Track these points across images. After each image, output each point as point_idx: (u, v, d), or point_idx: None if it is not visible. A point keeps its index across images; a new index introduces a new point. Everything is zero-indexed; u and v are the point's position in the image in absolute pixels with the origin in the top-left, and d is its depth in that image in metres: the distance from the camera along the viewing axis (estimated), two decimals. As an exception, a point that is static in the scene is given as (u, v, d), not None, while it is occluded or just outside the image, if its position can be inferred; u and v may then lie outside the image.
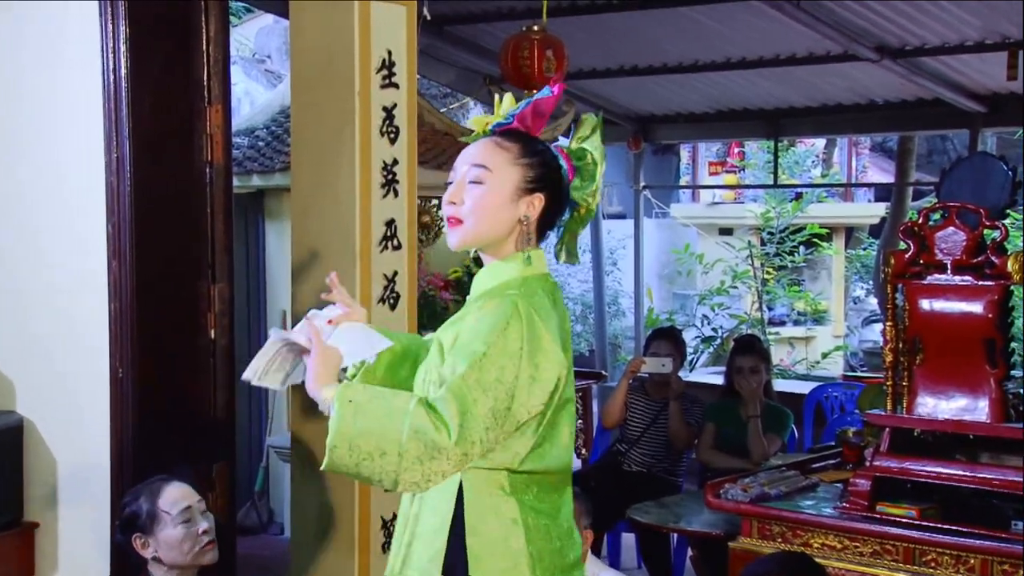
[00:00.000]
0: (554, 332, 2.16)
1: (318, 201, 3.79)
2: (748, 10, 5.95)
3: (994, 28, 6.07)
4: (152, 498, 2.83)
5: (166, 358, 3.24)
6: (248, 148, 6.39)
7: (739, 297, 11.59)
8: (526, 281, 2.23)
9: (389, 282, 3.80)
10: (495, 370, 2.08)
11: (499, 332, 2.10)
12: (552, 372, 2.14)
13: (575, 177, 2.31)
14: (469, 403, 2.05)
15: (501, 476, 2.17)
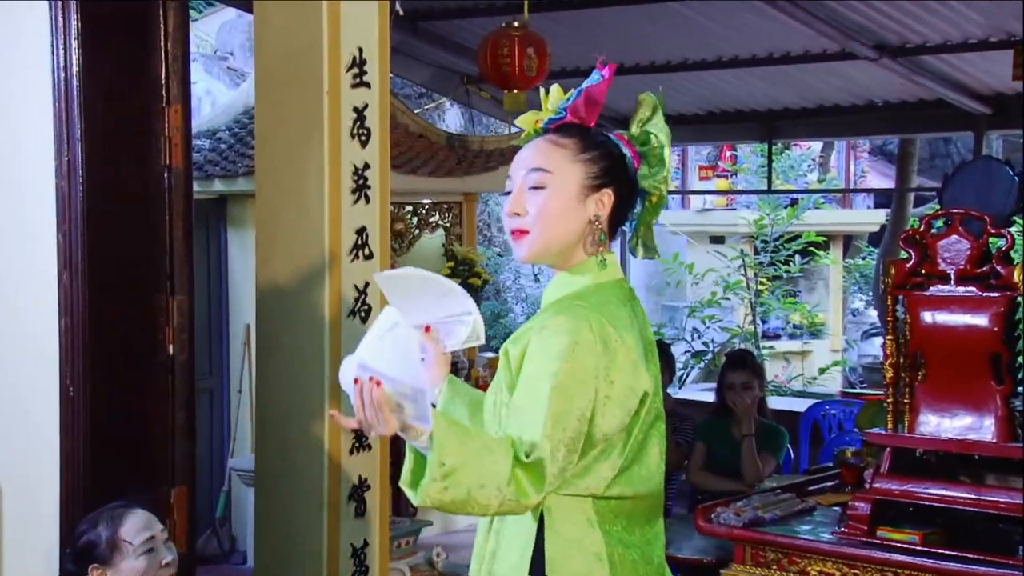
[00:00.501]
0: (633, 344, 2.11)
1: (284, 208, 3.78)
2: (741, 6, 5.98)
3: (999, 25, 6.12)
4: (112, 526, 2.81)
5: (121, 376, 3.22)
6: (209, 151, 6.37)
7: (731, 309, 11.61)
8: (599, 289, 2.18)
9: (360, 294, 3.79)
10: (564, 400, 2.03)
11: (567, 355, 2.04)
12: (633, 388, 2.10)
13: (641, 164, 2.24)
14: (542, 439, 2.01)
15: (586, 504, 2.11)
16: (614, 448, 2.10)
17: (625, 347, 2.08)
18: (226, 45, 10.72)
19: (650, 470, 2.19)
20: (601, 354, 2.05)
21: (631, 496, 2.15)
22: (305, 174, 3.70)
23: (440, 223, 6.95)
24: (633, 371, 2.09)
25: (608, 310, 2.11)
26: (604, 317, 2.08)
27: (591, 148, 2.20)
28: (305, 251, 3.72)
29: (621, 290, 2.21)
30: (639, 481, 2.16)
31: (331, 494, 3.71)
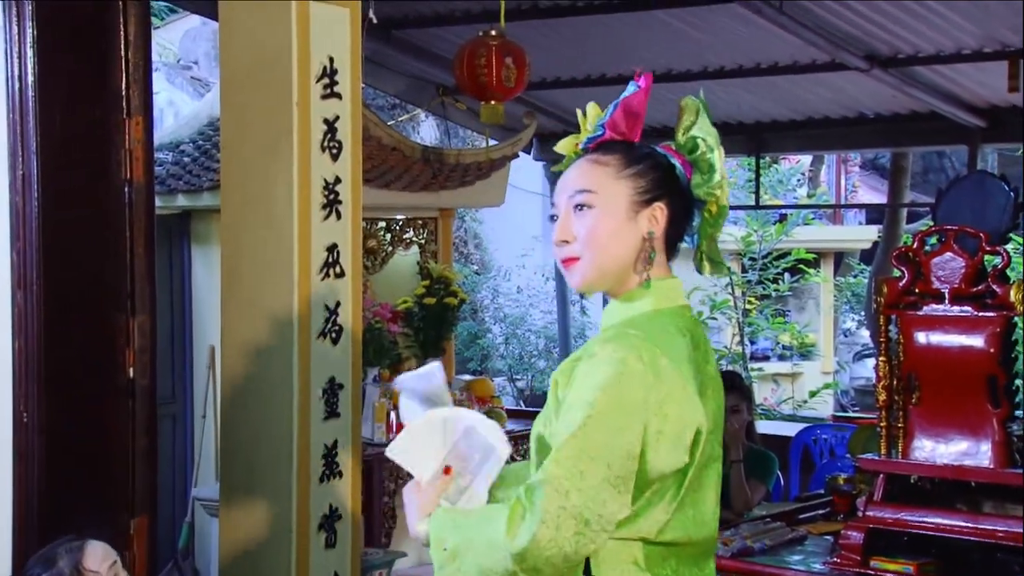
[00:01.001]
0: (690, 376, 2.03)
1: (251, 224, 3.77)
2: (726, 14, 6.01)
3: (993, 35, 6.17)
4: (73, 557, 2.80)
5: (78, 400, 3.20)
6: (172, 164, 6.35)
7: (718, 329, 11.64)
8: (658, 316, 2.11)
9: (331, 314, 3.78)
10: (606, 433, 1.96)
11: (610, 385, 1.97)
12: (688, 423, 2.01)
13: (693, 173, 2.17)
14: (574, 477, 1.93)
15: (635, 548, 2.05)
16: (668, 490, 2.03)
17: (680, 379, 2.01)
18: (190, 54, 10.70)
19: (705, 515, 2.11)
20: (652, 385, 1.98)
21: (684, 542, 2.08)
22: (273, 189, 3.69)
23: (415, 240, 6.94)
24: (688, 405, 2.02)
25: (664, 339, 2.05)
26: (658, 346, 2.02)
27: (636, 162, 2.15)
28: (273, 269, 3.71)
29: (682, 318, 2.14)
30: (693, 526, 2.08)
31: (300, 524, 3.69)
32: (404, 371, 6.80)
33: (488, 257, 12.99)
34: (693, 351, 2.08)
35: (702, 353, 2.12)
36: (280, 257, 3.69)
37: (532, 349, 12.20)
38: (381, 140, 5.72)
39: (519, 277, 12.51)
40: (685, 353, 2.06)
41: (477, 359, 11.95)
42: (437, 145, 8.92)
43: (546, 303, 12.12)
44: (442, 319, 6.68)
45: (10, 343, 3.10)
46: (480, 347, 12.04)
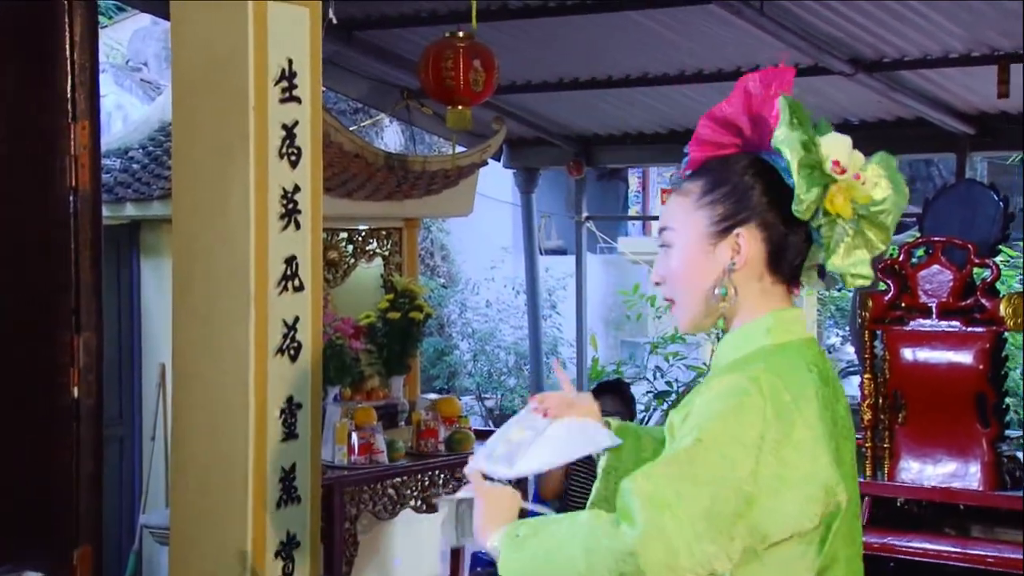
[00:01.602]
0: (814, 420, 1.91)
1: (205, 235, 3.76)
2: (705, 16, 6.04)
3: (981, 39, 6.23)
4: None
5: (19, 423, 3.17)
6: (120, 172, 6.32)
7: (696, 345, 11.66)
8: (780, 350, 1.99)
9: (289, 329, 3.77)
10: (715, 460, 1.84)
11: (728, 414, 1.88)
12: (817, 472, 1.88)
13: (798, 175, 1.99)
14: (668, 496, 1.82)
15: None
16: (808, 548, 1.92)
17: (804, 422, 1.89)
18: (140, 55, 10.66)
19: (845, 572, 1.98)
20: (772, 422, 1.87)
21: None
22: (228, 197, 3.68)
23: (378, 251, 6.92)
24: (812, 452, 1.89)
25: (788, 376, 1.93)
26: (782, 382, 1.91)
27: (720, 185, 2.03)
28: (228, 282, 3.70)
29: (808, 353, 2.02)
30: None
31: (256, 552, 3.67)
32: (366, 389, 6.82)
33: (455, 269, 12.99)
34: (823, 387, 1.97)
35: (832, 390, 2.00)
36: (235, 270, 3.68)
37: (502, 366, 12.19)
38: (343, 146, 5.72)
39: (488, 290, 12.51)
40: (812, 392, 1.94)
41: (444, 376, 11.94)
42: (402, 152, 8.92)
43: (516, 318, 12.13)
44: (407, 335, 6.66)
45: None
46: (447, 364, 12.02)
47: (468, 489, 2.18)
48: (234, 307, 3.68)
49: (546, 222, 13.61)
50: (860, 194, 1.99)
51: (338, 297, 6.58)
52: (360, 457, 6.05)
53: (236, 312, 3.68)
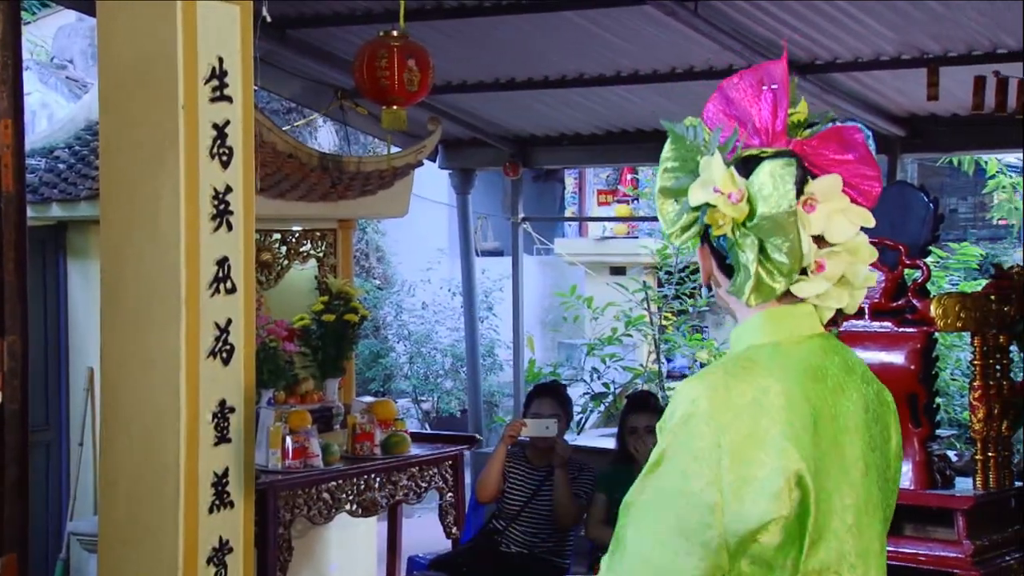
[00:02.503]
0: (783, 416, 1.91)
1: (134, 236, 3.72)
2: (639, 16, 6.08)
3: (912, 42, 6.33)
4: None
5: (-58, 427, 3.12)
6: (46, 172, 6.26)
7: (633, 347, 11.75)
8: (767, 348, 2.01)
9: (222, 332, 3.75)
10: (675, 476, 1.90)
11: (680, 429, 1.91)
12: (783, 468, 1.89)
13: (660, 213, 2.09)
14: (647, 519, 1.90)
15: None
16: (791, 548, 1.93)
17: (770, 418, 1.90)
18: (65, 52, 10.53)
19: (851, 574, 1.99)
20: (728, 426, 1.89)
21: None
22: (158, 198, 3.65)
23: (312, 253, 6.90)
24: (779, 447, 1.89)
25: (757, 375, 1.95)
26: (742, 383, 1.93)
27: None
28: (158, 284, 3.67)
29: (802, 349, 2.03)
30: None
31: (187, 559, 3.64)
32: (300, 392, 6.78)
33: (391, 271, 12.97)
34: (809, 383, 1.98)
35: (826, 388, 2.01)
36: (166, 272, 3.65)
37: (438, 368, 12.19)
38: (276, 146, 5.69)
39: (424, 292, 12.50)
40: (784, 387, 1.94)
41: (379, 379, 11.91)
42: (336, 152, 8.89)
43: (453, 319, 12.13)
44: (342, 337, 6.64)
45: None
46: (383, 366, 11.99)
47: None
48: (165, 310, 3.65)
49: (482, 223, 13.64)
50: (738, 213, 1.99)
51: (272, 299, 6.55)
52: (294, 461, 6.02)
53: (167, 315, 3.65)
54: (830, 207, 2.01)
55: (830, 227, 2.00)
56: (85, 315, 6.23)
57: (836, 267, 2.02)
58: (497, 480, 5.46)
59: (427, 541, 7.27)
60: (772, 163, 2.00)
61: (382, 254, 12.99)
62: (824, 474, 1.94)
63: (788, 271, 1.99)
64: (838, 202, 2.02)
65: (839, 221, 2.01)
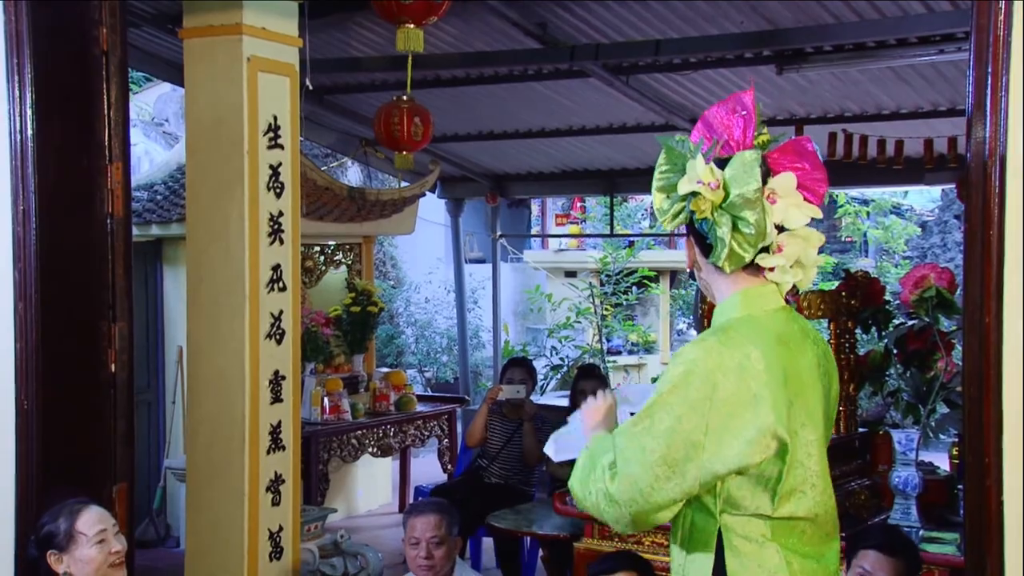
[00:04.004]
0: (760, 377, 1.85)
1: (211, 249, 3.72)
2: (586, 86, 6.11)
3: (784, 107, 6.38)
4: (71, 519, 2.74)
5: (69, 391, 3.11)
6: (147, 201, 6.23)
7: (582, 330, 11.77)
8: (745, 320, 1.95)
9: (276, 320, 3.75)
10: (668, 418, 1.85)
11: (680, 381, 1.86)
12: (757, 420, 1.84)
13: (656, 203, 2.06)
14: (635, 449, 1.85)
15: (760, 523, 1.91)
16: (760, 478, 1.88)
17: (749, 379, 1.85)
18: (162, 113, 10.50)
19: (823, 495, 1.95)
20: (718, 384, 1.84)
21: (803, 517, 1.93)
22: (229, 220, 3.65)
23: (343, 261, 6.90)
24: (754, 404, 1.84)
25: (741, 343, 1.89)
26: (729, 350, 1.88)
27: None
28: (229, 285, 3.67)
29: (772, 320, 1.96)
30: (812, 504, 1.93)
31: (251, 487, 3.64)
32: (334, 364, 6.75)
33: (402, 274, 12.95)
34: (779, 348, 1.92)
35: (790, 350, 1.95)
36: (234, 275, 3.65)
37: (437, 347, 12.19)
38: (316, 182, 5.69)
39: (426, 290, 12.49)
40: (762, 352, 1.89)
41: (393, 355, 11.90)
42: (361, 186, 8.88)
43: (448, 311, 12.13)
44: (365, 324, 6.64)
45: (12, 345, 3.01)
46: (395, 346, 11.99)
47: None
48: (233, 303, 3.65)
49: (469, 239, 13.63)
50: (716, 197, 1.96)
51: (313, 295, 6.55)
52: (330, 416, 6.03)
53: (235, 307, 3.65)
54: (788, 202, 1.97)
55: (787, 217, 1.97)
56: (176, 307, 6.21)
57: (793, 249, 1.98)
58: (481, 430, 5.48)
59: (429, 475, 7.28)
60: (742, 155, 1.98)
61: (395, 261, 12.97)
62: (794, 419, 1.91)
63: (754, 241, 1.95)
64: (793, 198, 1.98)
65: (794, 212, 1.97)
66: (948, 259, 12.99)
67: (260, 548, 3.63)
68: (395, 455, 6.81)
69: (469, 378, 9.53)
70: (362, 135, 7.20)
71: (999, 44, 2.11)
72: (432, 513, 3.40)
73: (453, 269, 9.56)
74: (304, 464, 4.61)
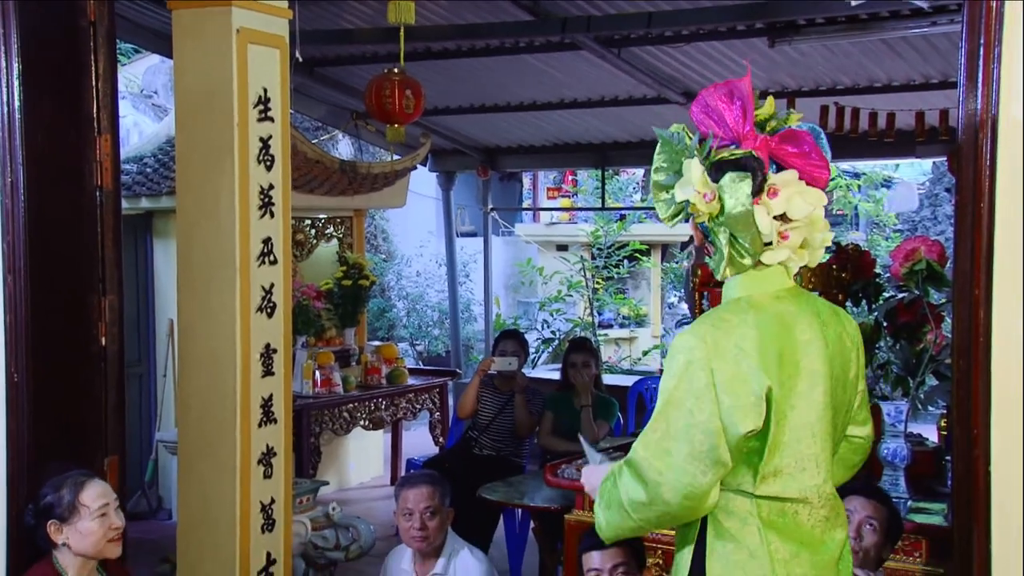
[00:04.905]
0: (754, 353, 1.90)
1: (201, 221, 3.70)
2: (578, 58, 6.08)
3: (776, 79, 6.36)
4: (75, 491, 2.76)
5: (59, 363, 3.11)
6: (137, 174, 6.20)
7: (573, 304, 11.79)
8: (744, 301, 1.98)
9: (267, 293, 3.73)
10: (683, 415, 1.89)
11: (681, 373, 1.91)
12: (753, 393, 1.89)
13: (656, 203, 2.08)
14: (661, 456, 1.89)
15: (744, 500, 1.96)
16: (751, 454, 1.94)
17: (744, 356, 1.90)
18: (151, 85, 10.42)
19: (810, 481, 1.99)
20: (717, 366, 1.89)
21: (792, 498, 1.97)
22: (219, 193, 3.62)
23: (334, 234, 6.88)
24: (749, 377, 1.89)
25: (737, 323, 1.93)
26: (723, 331, 1.92)
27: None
28: (219, 258, 3.65)
29: (772, 300, 1.99)
30: (798, 487, 1.97)
31: (243, 460, 3.64)
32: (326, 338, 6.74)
33: (393, 248, 12.93)
34: (777, 328, 1.95)
35: (790, 331, 1.96)
36: (225, 248, 3.62)
37: (428, 320, 12.20)
38: (307, 155, 5.65)
39: (418, 263, 12.48)
40: (758, 331, 1.93)
41: (384, 328, 11.90)
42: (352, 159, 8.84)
43: (439, 284, 12.13)
44: (356, 297, 6.63)
45: (2, 318, 3.00)
46: (387, 319, 11.99)
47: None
48: (224, 276, 3.63)
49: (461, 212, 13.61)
50: (712, 208, 1.98)
51: (304, 269, 6.53)
52: (322, 389, 6.03)
53: (226, 280, 3.63)
54: (789, 192, 1.97)
55: (791, 207, 1.97)
56: (166, 280, 6.19)
57: (797, 237, 1.99)
58: (473, 402, 5.48)
59: (420, 447, 7.30)
60: (731, 175, 1.96)
61: (386, 235, 12.94)
62: (784, 398, 1.93)
63: (752, 252, 1.98)
64: (795, 187, 1.98)
65: (797, 202, 1.97)
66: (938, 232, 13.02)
67: (252, 520, 3.64)
68: (387, 428, 6.83)
69: (460, 351, 9.54)
70: (353, 108, 7.16)
71: (991, 15, 2.10)
72: (424, 485, 3.41)
73: (444, 242, 9.54)
74: (296, 437, 4.62)
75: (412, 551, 3.50)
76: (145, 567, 4.63)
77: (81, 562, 2.76)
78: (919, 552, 3.25)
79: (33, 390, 3.00)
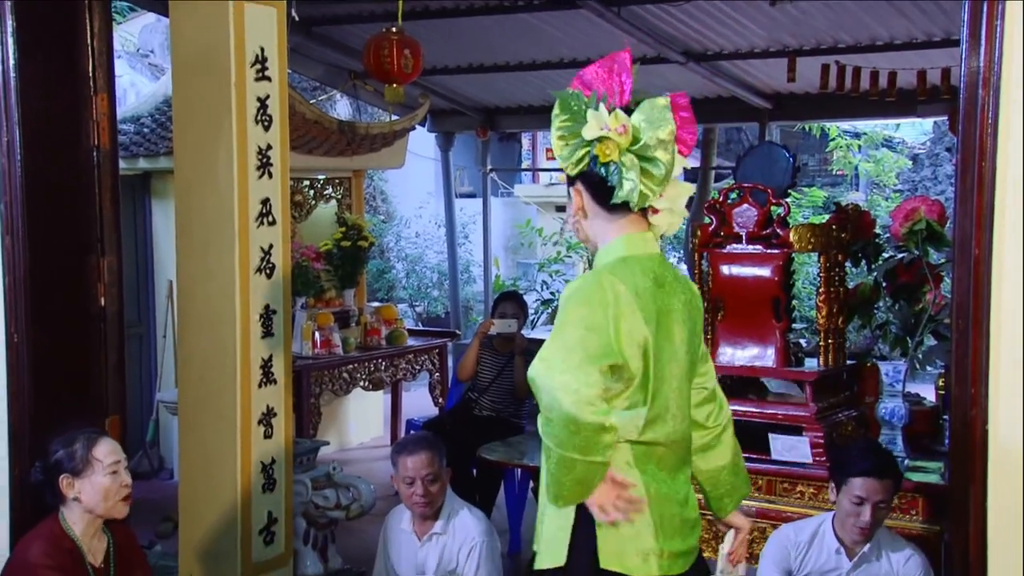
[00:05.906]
0: (637, 306, 2.09)
1: (200, 182, 3.68)
2: (577, 17, 6.02)
3: (777, 38, 6.30)
4: (88, 445, 2.77)
5: (59, 325, 3.11)
6: (134, 134, 6.16)
7: (573, 265, 11.78)
8: (629, 260, 2.16)
9: (265, 254, 3.73)
10: (579, 329, 2.03)
11: (579, 295, 2.08)
12: (636, 337, 2.08)
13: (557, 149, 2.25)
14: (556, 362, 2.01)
15: (626, 450, 2.12)
16: (638, 400, 2.10)
17: (631, 305, 2.08)
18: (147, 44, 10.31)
19: (677, 426, 2.19)
20: (611, 304, 2.06)
21: (661, 442, 2.15)
22: (217, 153, 3.60)
23: (333, 195, 6.85)
24: (636, 323, 2.08)
25: (626, 277, 2.12)
26: (618, 280, 2.10)
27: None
28: (218, 218, 3.64)
29: (648, 262, 2.18)
30: (667, 431, 2.16)
31: (243, 420, 3.66)
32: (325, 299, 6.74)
33: (392, 209, 12.90)
34: (652, 286, 2.14)
35: (664, 291, 2.17)
36: (223, 208, 3.61)
37: (427, 281, 12.19)
38: (305, 115, 5.61)
39: (417, 224, 12.45)
40: (641, 287, 2.12)
41: (384, 289, 11.90)
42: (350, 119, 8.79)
43: (438, 245, 12.11)
44: (356, 258, 6.62)
45: (1, 279, 2.99)
46: (386, 280, 11.98)
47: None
48: (223, 237, 3.62)
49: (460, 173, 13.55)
50: (624, 141, 2.10)
51: (303, 230, 6.51)
52: (321, 350, 6.04)
53: (225, 241, 3.62)
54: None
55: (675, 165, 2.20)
56: (165, 241, 6.18)
57: (672, 193, 2.20)
58: (473, 364, 5.49)
59: (420, 408, 7.33)
60: (654, 100, 2.15)
61: (385, 196, 12.90)
62: (659, 352, 2.13)
63: (660, 183, 2.13)
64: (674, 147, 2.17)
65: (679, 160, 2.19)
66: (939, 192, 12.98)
67: (253, 480, 3.66)
68: (386, 389, 6.85)
69: (460, 312, 9.55)
70: (351, 68, 7.09)
71: (997, -28, 2.07)
72: (423, 451, 3.42)
73: (444, 203, 9.51)
74: (296, 398, 4.63)
75: (411, 512, 3.52)
76: (147, 526, 4.67)
77: (89, 519, 2.76)
78: (916, 510, 3.28)
79: (33, 350, 3.00)
